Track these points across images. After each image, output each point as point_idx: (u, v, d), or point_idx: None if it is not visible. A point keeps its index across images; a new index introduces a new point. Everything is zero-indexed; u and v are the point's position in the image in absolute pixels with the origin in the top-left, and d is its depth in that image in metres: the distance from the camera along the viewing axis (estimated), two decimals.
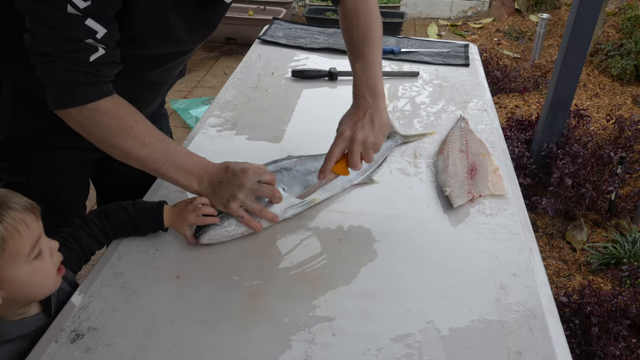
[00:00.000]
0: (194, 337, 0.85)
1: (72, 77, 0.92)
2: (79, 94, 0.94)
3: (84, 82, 0.93)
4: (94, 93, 0.94)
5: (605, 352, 1.74)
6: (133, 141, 0.99)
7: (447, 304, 0.93)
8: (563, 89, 2.54)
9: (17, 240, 0.78)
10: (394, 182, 1.25)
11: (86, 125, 0.96)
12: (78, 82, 0.93)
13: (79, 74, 0.92)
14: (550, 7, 5.07)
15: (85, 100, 0.94)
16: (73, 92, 0.93)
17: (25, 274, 0.79)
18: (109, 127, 0.97)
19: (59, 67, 0.90)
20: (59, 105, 0.95)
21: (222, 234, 1.02)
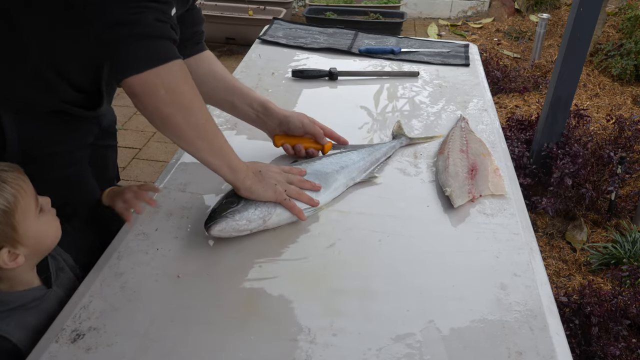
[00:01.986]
0: (194, 337, 0.85)
1: (164, 29, 0.89)
2: (170, 48, 0.90)
3: (171, 37, 0.90)
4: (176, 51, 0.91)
5: (605, 352, 1.74)
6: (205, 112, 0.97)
7: (447, 303, 0.93)
8: (563, 89, 2.54)
9: (24, 197, 0.86)
10: (394, 182, 1.25)
11: (170, 85, 0.90)
12: (168, 35, 0.90)
13: (167, 27, 0.90)
14: (550, 7, 5.07)
15: (176, 55, 0.90)
16: (164, 45, 0.89)
17: (37, 226, 0.88)
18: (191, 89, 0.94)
19: (152, 16, 0.86)
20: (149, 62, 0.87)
21: (233, 227, 1.01)
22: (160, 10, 0.89)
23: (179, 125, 0.94)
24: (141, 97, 0.90)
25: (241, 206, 1.03)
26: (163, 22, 0.89)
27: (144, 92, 0.89)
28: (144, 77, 0.88)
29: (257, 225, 1.04)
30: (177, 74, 0.91)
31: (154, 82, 0.89)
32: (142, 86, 0.89)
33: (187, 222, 1.09)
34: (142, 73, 0.87)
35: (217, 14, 4.70)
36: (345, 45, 2.02)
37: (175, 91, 0.91)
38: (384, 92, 1.70)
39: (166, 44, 0.90)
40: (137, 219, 1.10)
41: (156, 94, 0.90)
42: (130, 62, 0.88)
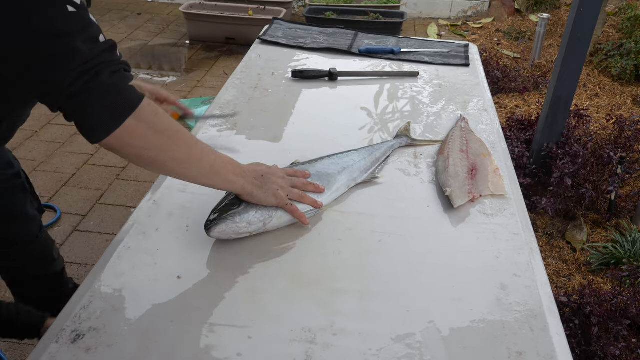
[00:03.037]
0: (194, 337, 0.85)
1: (120, 77, 0.86)
2: (133, 94, 0.87)
3: (128, 78, 0.88)
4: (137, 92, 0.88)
5: (605, 352, 1.74)
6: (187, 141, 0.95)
7: (447, 304, 0.93)
8: (563, 89, 2.54)
9: None
10: (394, 182, 1.25)
11: (145, 132, 0.88)
12: (125, 80, 0.87)
13: (121, 73, 0.87)
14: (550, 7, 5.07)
15: (140, 98, 0.87)
16: (128, 93, 0.86)
17: None
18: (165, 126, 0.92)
19: (105, 73, 0.83)
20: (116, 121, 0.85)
21: (233, 229, 1.01)
22: (110, 61, 0.85)
23: (165, 164, 0.94)
24: (120, 151, 0.89)
25: (242, 208, 1.03)
26: (116, 72, 0.86)
27: (121, 147, 0.88)
28: (117, 135, 0.86)
29: (258, 228, 1.04)
30: (146, 117, 0.89)
31: (126, 137, 0.87)
32: (117, 142, 0.87)
33: (187, 222, 1.09)
34: (114, 132, 0.85)
35: (217, 14, 4.70)
36: (345, 45, 2.02)
37: (148, 137, 0.89)
38: (384, 92, 1.70)
39: (126, 91, 0.87)
40: (137, 218, 1.10)
41: (133, 145, 0.88)
42: (97, 127, 0.85)
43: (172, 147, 0.93)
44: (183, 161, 0.95)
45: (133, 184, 2.84)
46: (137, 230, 1.06)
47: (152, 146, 0.90)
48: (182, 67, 4.30)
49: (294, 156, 1.29)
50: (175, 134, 0.93)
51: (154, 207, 1.13)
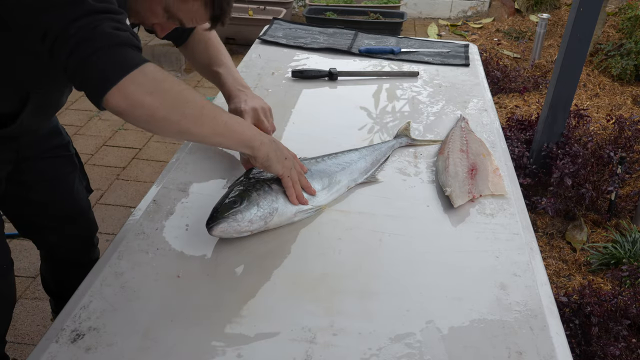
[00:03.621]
0: (194, 337, 0.85)
1: (125, 37, 0.84)
2: (136, 55, 0.85)
3: (134, 45, 0.86)
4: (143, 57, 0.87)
5: (605, 352, 1.74)
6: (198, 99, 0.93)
7: (447, 303, 0.93)
8: (563, 89, 2.54)
9: None
10: (394, 182, 1.25)
11: (154, 88, 0.86)
12: (131, 42, 0.85)
13: (128, 34, 0.85)
14: (550, 7, 5.07)
15: (144, 59, 0.86)
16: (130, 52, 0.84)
17: None
18: (174, 83, 0.90)
19: (109, 26, 0.82)
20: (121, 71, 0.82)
21: (234, 228, 1.01)
22: (116, 20, 0.85)
23: (180, 122, 0.91)
24: (129, 111, 0.85)
25: (243, 207, 1.03)
26: (123, 31, 0.85)
27: (131, 105, 0.84)
28: (123, 89, 0.82)
29: (259, 226, 1.04)
30: (154, 73, 0.87)
31: (134, 91, 0.84)
32: (124, 99, 0.83)
33: (187, 221, 1.09)
34: (118, 84, 0.82)
35: None
36: (345, 45, 2.02)
37: (160, 91, 0.87)
38: (384, 92, 1.70)
39: (131, 51, 0.85)
40: (137, 218, 1.10)
41: (142, 102, 0.85)
42: (102, 78, 0.82)
43: (183, 104, 0.91)
44: (196, 118, 0.93)
45: (133, 184, 2.84)
46: (137, 230, 1.06)
47: (163, 104, 0.87)
48: (182, 67, 4.30)
49: None
50: (184, 90, 0.92)
51: (154, 207, 1.13)
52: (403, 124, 1.47)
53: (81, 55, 0.81)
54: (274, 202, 1.06)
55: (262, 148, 1.03)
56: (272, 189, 1.08)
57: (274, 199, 1.06)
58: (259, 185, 1.08)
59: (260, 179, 1.10)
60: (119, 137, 3.24)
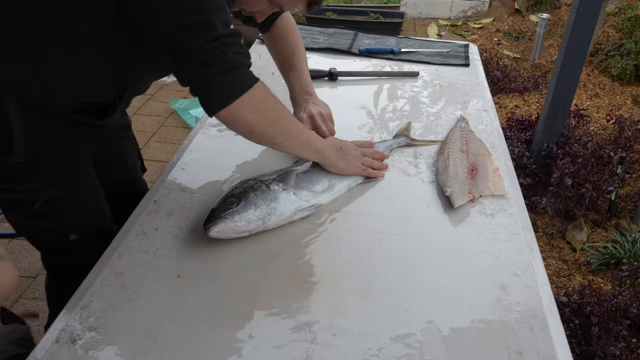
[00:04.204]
0: (194, 337, 0.85)
1: (242, 60, 0.99)
2: (251, 75, 1.00)
3: (248, 65, 1.00)
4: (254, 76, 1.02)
5: (605, 352, 1.74)
6: (289, 117, 1.11)
7: (447, 303, 0.93)
8: (563, 89, 2.54)
9: None
10: (394, 182, 1.25)
11: (259, 108, 1.02)
12: (246, 64, 1.00)
13: (244, 57, 0.99)
14: (550, 7, 5.07)
15: (255, 79, 1.01)
16: (248, 73, 0.99)
17: None
18: (274, 103, 1.06)
19: (231, 51, 0.96)
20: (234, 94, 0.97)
21: (232, 228, 1.01)
22: (235, 44, 0.97)
23: (273, 137, 1.08)
24: (233, 124, 1.02)
25: (241, 207, 1.03)
26: (240, 54, 0.98)
27: (235, 121, 1.01)
28: (232, 110, 0.98)
29: (257, 226, 1.04)
30: (260, 95, 1.02)
31: (241, 110, 0.99)
32: (232, 116, 0.99)
33: (187, 222, 1.09)
34: (230, 106, 0.97)
35: None
36: (345, 45, 2.02)
37: (261, 111, 1.03)
38: (384, 92, 1.70)
39: (246, 72, 1.00)
40: (137, 218, 1.10)
41: (246, 119, 1.01)
42: (218, 99, 0.97)
43: (278, 122, 1.08)
44: (286, 134, 1.10)
45: None
46: (137, 230, 1.06)
47: (262, 121, 1.04)
48: None
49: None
50: (280, 110, 1.08)
51: (154, 207, 1.13)
52: (403, 124, 1.47)
53: (204, 77, 0.96)
54: (272, 202, 1.06)
55: (331, 158, 1.18)
56: (269, 189, 1.08)
57: (272, 198, 1.06)
58: (257, 185, 1.08)
59: (258, 180, 1.11)
60: None
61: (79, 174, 1.23)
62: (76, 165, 1.22)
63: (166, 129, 3.39)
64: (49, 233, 1.26)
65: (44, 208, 1.18)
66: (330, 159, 1.18)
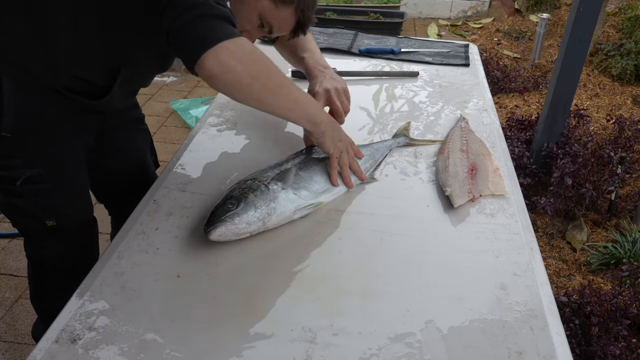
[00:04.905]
0: (194, 337, 0.85)
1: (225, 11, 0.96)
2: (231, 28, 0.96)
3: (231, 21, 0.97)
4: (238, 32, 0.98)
5: (605, 352, 1.74)
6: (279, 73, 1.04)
7: (447, 303, 0.93)
8: (563, 89, 2.54)
9: None
10: (394, 182, 1.25)
11: (244, 56, 0.97)
12: (229, 17, 0.97)
13: (227, 11, 0.97)
14: (550, 7, 5.07)
15: (238, 33, 0.97)
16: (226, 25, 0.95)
17: None
18: (261, 56, 1.00)
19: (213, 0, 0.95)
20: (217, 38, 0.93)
21: (232, 230, 1.01)
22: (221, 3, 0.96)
23: (259, 91, 1.01)
24: (220, 75, 0.95)
25: (240, 209, 1.02)
26: (223, 6, 0.96)
27: (222, 69, 0.94)
28: (217, 54, 0.92)
29: (257, 227, 1.04)
30: (245, 46, 0.97)
31: (227, 57, 0.94)
32: (217, 63, 0.93)
33: (187, 221, 1.09)
34: (214, 47, 0.92)
35: None
36: (345, 45, 2.02)
37: (247, 62, 0.97)
38: (384, 92, 1.70)
39: (228, 25, 0.96)
40: (137, 218, 1.10)
41: (233, 68, 0.95)
42: (201, 40, 0.93)
43: (267, 74, 1.01)
44: (275, 89, 1.03)
45: None
46: (137, 230, 1.06)
47: (249, 72, 0.98)
48: (182, 67, 4.30)
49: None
50: (268, 63, 1.02)
51: (154, 207, 1.13)
52: (403, 124, 1.47)
53: (185, 19, 0.92)
54: (272, 202, 1.06)
55: (321, 125, 1.12)
56: (269, 189, 1.08)
57: (272, 199, 1.06)
58: (256, 186, 1.08)
59: (257, 180, 1.10)
60: None
61: (66, 158, 1.22)
62: (65, 149, 1.20)
63: (166, 129, 3.39)
64: (25, 214, 1.23)
65: (24, 187, 1.16)
66: (321, 126, 1.12)
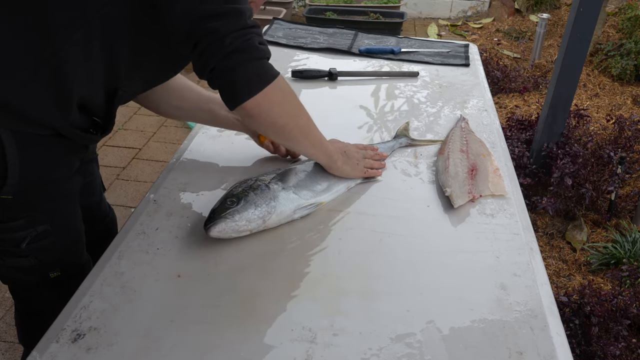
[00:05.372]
0: (195, 337, 0.85)
1: (266, 50, 0.97)
2: (271, 67, 0.98)
3: (269, 57, 0.99)
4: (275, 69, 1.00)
5: (605, 352, 1.74)
6: (307, 113, 1.09)
7: (447, 303, 0.93)
8: (563, 89, 2.54)
9: None
10: (394, 182, 1.25)
11: (281, 99, 1.00)
12: (268, 55, 0.98)
13: (267, 48, 0.98)
14: (550, 7, 5.07)
15: (277, 72, 0.99)
16: (268, 65, 0.98)
17: None
18: (294, 97, 1.05)
19: (257, 40, 0.95)
20: (260, 84, 0.95)
21: (232, 227, 1.01)
22: (260, 35, 0.97)
23: (292, 131, 1.06)
24: (257, 117, 0.99)
25: (241, 206, 1.03)
26: (264, 45, 0.97)
27: (259, 113, 0.98)
28: (259, 100, 0.96)
29: (257, 225, 1.04)
30: (284, 86, 1.01)
31: (266, 102, 0.97)
32: (257, 108, 0.97)
33: (187, 221, 1.09)
34: (257, 95, 0.95)
35: None
36: (345, 45, 2.02)
37: (284, 103, 1.02)
38: (384, 92, 1.70)
39: (269, 64, 0.98)
40: (137, 218, 1.10)
41: (270, 111, 0.99)
42: (246, 86, 0.95)
43: (299, 115, 1.07)
44: (305, 129, 1.09)
45: (133, 184, 2.84)
46: (137, 230, 1.06)
47: (285, 113, 1.03)
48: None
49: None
50: (300, 105, 1.07)
51: (154, 207, 1.13)
52: (402, 124, 1.47)
53: (232, 63, 0.93)
54: (272, 201, 1.06)
55: (337, 162, 1.18)
56: (269, 188, 1.08)
57: (272, 197, 1.06)
58: (257, 184, 1.08)
59: (258, 179, 1.11)
60: (119, 137, 3.24)
61: (67, 206, 1.13)
62: (66, 197, 1.12)
63: (166, 129, 3.39)
64: (28, 272, 1.14)
65: (30, 247, 1.08)
66: (337, 163, 1.18)
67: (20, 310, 1.35)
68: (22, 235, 1.07)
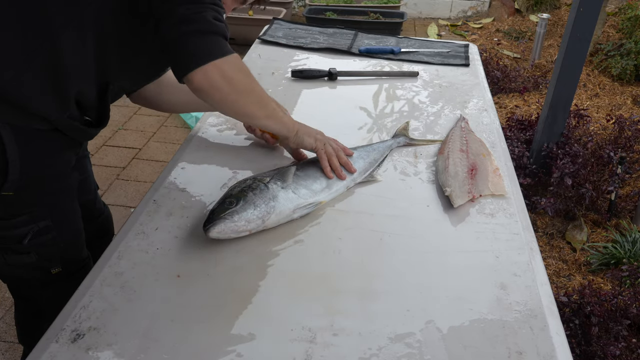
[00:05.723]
0: (194, 337, 0.85)
1: (221, 27, 0.98)
2: (225, 44, 0.99)
3: (226, 36, 0.99)
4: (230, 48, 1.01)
5: (605, 352, 1.74)
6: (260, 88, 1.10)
7: (447, 303, 0.93)
8: (563, 89, 2.54)
9: None
10: (394, 182, 1.25)
11: (231, 76, 1.00)
12: (224, 33, 0.99)
13: (223, 26, 0.98)
14: (550, 7, 5.07)
15: (231, 50, 1.00)
16: (221, 41, 0.98)
17: None
18: (247, 74, 1.05)
19: (211, 15, 0.96)
20: (210, 56, 0.96)
21: (232, 228, 1.01)
22: (217, 11, 0.98)
23: (244, 106, 1.07)
24: (207, 91, 0.99)
25: (240, 207, 1.03)
26: (220, 21, 0.98)
27: (210, 87, 0.98)
28: (207, 72, 0.96)
29: (256, 225, 1.04)
30: (236, 63, 1.01)
31: (217, 76, 0.97)
32: (206, 81, 0.97)
33: (187, 221, 1.09)
34: (205, 65, 0.95)
35: None
36: (345, 45, 2.02)
37: (235, 79, 1.01)
38: (384, 92, 1.70)
39: (222, 41, 0.98)
40: (137, 218, 1.10)
41: (220, 87, 0.99)
42: (194, 56, 0.95)
43: (250, 92, 1.07)
44: (257, 103, 1.10)
45: (133, 184, 2.84)
46: (137, 230, 1.06)
47: (237, 90, 1.03)
48: None
49: None
50: (253, 80, 1.07)
51: (154, 207, 1.13)
52: (402, 124, 1.47)
53: (181, 32, 0.94)
54: (271, 201, 1.06)
55: (293, 129, 1.19)
56: (268, 188, 1.08)
57: (271, 197, 1.06)
58: (255, 184, 1.08)
59: (257, 179, 1.11)
60: (119, 137, 3.24)
61: (67, 201, 1.15)
62: (66, 192, 1.14)
63: (166, 129, 3.39)
64: (29, 268, 1.14)
65: (32, 242, 1.09)
66: (293, 130, 1.19)
67: (20, 309, 1.36)
68: (24, 231, 1.08)
